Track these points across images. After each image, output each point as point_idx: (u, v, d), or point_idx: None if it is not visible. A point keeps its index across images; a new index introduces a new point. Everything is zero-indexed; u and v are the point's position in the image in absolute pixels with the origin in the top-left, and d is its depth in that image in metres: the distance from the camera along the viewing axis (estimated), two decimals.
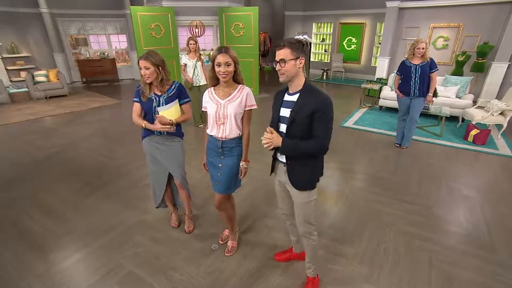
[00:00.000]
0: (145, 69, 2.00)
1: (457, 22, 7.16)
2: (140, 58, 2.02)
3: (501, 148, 4.46)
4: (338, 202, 3.06)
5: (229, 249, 2.29)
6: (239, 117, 1.88)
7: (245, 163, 2.01)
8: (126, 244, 2.42)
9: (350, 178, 3.57)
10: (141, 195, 3.15)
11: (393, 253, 2.32)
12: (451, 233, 2.56)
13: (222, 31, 7.55)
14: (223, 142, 1.93)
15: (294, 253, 2.22)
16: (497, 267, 2.18)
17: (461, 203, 3.02)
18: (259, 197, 3.11)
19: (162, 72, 2.05)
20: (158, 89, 2.11)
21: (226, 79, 1.78)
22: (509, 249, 2.37)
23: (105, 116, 6.13)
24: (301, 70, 1.56)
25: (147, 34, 6.72)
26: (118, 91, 8.71)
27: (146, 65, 1.99)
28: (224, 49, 1.74)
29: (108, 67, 9.78)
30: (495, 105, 4.73)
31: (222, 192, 2.07)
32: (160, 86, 2.09)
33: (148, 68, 2.00)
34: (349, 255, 2.30)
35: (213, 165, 2.04)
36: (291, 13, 11.15)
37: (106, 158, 4.08)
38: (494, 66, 6.53)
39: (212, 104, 1.87)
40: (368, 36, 9.96)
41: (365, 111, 6.43)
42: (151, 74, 2.02)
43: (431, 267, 2.18)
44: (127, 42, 10.16)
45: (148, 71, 2.00)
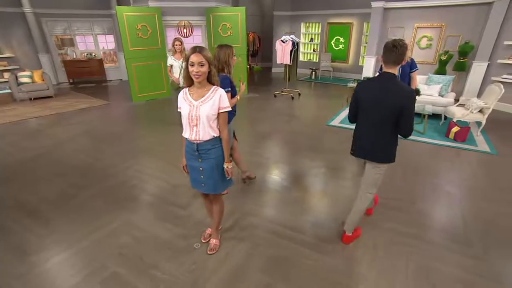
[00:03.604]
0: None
1: (440, 22, 7.34)
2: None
3: (480, 144, 4.60)
4: (321, 200, 3.13)
5: (211, 247, 2.32)
6: (212, 119, 1.87)
7: (227, 164, 2.03)
8: (110, 244, 2.43)
9: (334, 176, 3.64)
10: (128, 196, 3.15)
11: (372, 248, 2.39)
12: (431, 228, 2.64)
13: (209, 31, 7.57)
14: (198, 144, 1.92)
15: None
16: (474, 261, 2.26)
17: (442, 199, 3.12)
18: (242, 195, 3.15)
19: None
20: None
21: (199, 79, 1.79)
22: (486, 243, 2.46)
23: (92, 117, 6.07)
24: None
25: (133, 34, 6.68)
26: (106, 92, 8.62)
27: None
28: (198, 49, 1.74)
29: (96, 68, 9.68)
30: (474, 103, 4.88)
31: (210, 193, 2.10)
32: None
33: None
34: (329, 251, 2.35)
35: (194, 169, 2.04)
36: (280, 13, 11.21)
37: (93, 159, 4.05)
38: (475, 65, 6.72)
39: (185, 105, 1.87)
40: (356, 35, 10.10)
41: None
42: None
43: (409, 262, 2.25)
44: (114, 43, 10.05)
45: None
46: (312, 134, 5.04)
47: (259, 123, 5.62)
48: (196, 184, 2.08)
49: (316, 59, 11.35)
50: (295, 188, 3.34)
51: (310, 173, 3.69)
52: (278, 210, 2.92)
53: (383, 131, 2.06)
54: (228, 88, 2.56)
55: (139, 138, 4.96)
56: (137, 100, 7.21)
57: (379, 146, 2.11)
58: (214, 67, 1.84)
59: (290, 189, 3.33)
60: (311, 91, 8.90)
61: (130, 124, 5.79)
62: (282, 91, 7.86)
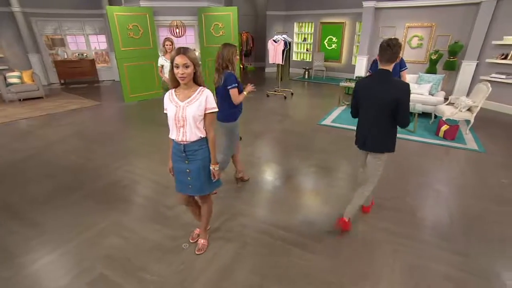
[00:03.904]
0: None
1: (430, 22, 7.43)
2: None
3: (469, 142, 4.67)
4: (312, 199, 3.15)
5: (199, 248, 2.32)
6: (198, 120, 1.87)
7: (214, 165, 2.03)
8: (98, 245, 2.42)
9: (325, 175, 3.67)
10: (117, 196, 3.14)
11: (361, 246, 2.42)
12: (421, 227, 2.67)
13: (201, 31, 7.55)
14: (185, 146, 1.92)
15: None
16: (462, 258, 2.29)
17: (431, 197, 3.15)
18: (233, 194, 3.16)
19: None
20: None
21: (185, 81, 1.79)
22: (473, 240, 2.50)
23: (83, 118, 6.02)
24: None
25: (124, 34, 6.64)
26: (98, 92, 8.55)
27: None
28: (183, 50, 1.73)
29: (87, 68, 9.59)
30: (463, 101, 4.95)
31: (197, 194, 2.10)
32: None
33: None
34: (319, 250, 2.37)
35: (180, 171, 2.02)
36: (273, 13, 11.23)
37: (83, 160, 4.02)
38: (464, 64, 6.82)
39: (171, 106, 1.86)
40: (348, 35, 10.17)
41: (344, 109, 6.58)
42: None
43: (398, 260, 2.27)
44: (106, 43, 9.97)
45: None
46: (303, 134, 5.06)
47: (251, 122, 5.63)
48: (182, 186, 2.07)
49: (309, 59, 11.40)
50: (286, 188, 3.36)
51: (301, 173, 3.71)
52: (269, 209, 2.94)
53: (382, 123, 2.25)
54: (235, 84, 2.65)
55: (130, 139, 4.93)
56: (129, 101, 7.17)
57: (379, 137, 2.30)
58: (199, 67, 1.84)
59: (281, 189, 3.34)
60: (304, 90, 8.94)
61: (121, 125, 5.76)
62: (275, 91, 7.88)
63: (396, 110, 2.12)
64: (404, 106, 2.11)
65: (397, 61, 3.97)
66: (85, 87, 9.14)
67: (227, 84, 2.65)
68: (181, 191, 2.09)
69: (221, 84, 2.69)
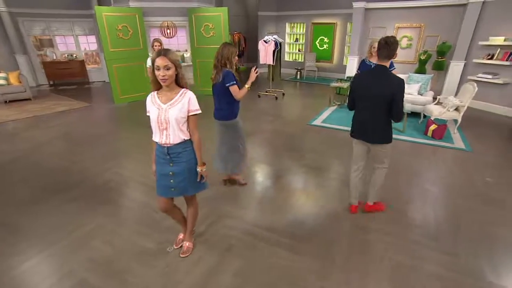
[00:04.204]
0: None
1: (419, 23, 7.52)
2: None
3: (456, 141, 4.73)
4: (300, 199, 3.15)
5: (184, 251, 2.30)
6: (181, 122, 1.86)
7: (201, 167, 2.02)
8: (81, 249, 2.38)
9: (314, 175, 3.67)
10: (103, 199, 3.10)
11: (349, 246, 2.42)
12: (408, 226, 2.69)
13: (192, 32, 7.51)
14: (168, 148, 1.90)
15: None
16: (450, 257, 2.31)
17: (419, 197, 3.18)
18: (220, 196, 3.14)
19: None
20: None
21: (166, 83, 1.77)
22: (459, 239, 2.53)
23: (71, 119, 5.93)
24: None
25: (114, 35, 6.57)
26: (88, 94, 8.44)
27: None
28: (163, 52, 1.72)
29: (77, 69, 9.47)
30: (450, 101, 5.02)
31: (180, 195, 2.08)
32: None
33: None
34: (305, 251, 2.37)
35: (163, 174, 1.99)
36: (265, 13, 11.25)
37: (70, 162, 3.96)
38: (452, 65, 6.92)
39: (154, 108, 1.84)
40: (339, 35, 10.23)
41: (335, 109, 6.61)
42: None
43: (385, 260, 2.28)
44: (96, 44, 9.86)
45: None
46: (294, 134, 5.07)
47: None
48: (165, 190, 2.03)
49: (301, 59, 11.44)
50: (275, 188, 3.36)
51: (290, 173, 3.71)
52: (256, 210, 2.93)
53: (379, 116, 2.38)
54: (233, 81, 2.69)
55: (119, 140, 4.88)
56: (119, 102, 7.10)
57: (378, 130, 2.45)
58: (181, 69, 1.82)
59: (269, 189, 3.34)
60: (296, 91, 8.96)
61: (110, 127, 5.69)
62: (266, 91, 7.88)
63: (391, 103, 2.26)
64: (398, 100, 2.25)
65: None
66: (74, 88, 9.03)
67: (225, 82, 2.69)
68: (163, 194, 2.06)
69: (219, 81, 2.72)
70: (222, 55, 2.69)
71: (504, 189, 3.31)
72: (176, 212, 2.26)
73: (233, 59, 2.74)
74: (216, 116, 2.98)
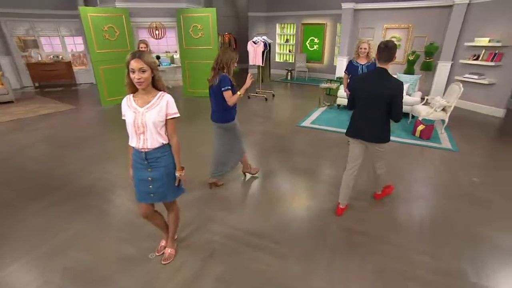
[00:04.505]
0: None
1: (407, 24, 7.60)
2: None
3: (444, 142, 4.78)
4: (285, 202, 3.12)
5: (166, 257, 2.25)
6: (159, 126, 1.81)
7: (180, 172, 1.99)
8: (61, 255, 2.31)
9: (301, 177, 3.65)
10: (86, 203, 3.02)
11: (332, 250, 2.40)
12: (393, 228, 2.68)
13: (180, 33, 7.44)
14: (146, 153, 1.86)
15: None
16: (432, 259, 2.30)
17: (405, 198, 3.17)
18: (205, 200, 3.10)
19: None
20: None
21: (142, 86, 1.72)
22: (443, 240, 2.53)
23: (56, 122, 5.80)
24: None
25: (100, 36, 6.45)
26: (75, 96, 8.29)
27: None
28: (138, 54, 1.66)
29: (63, 71, 9.29)
30: (437, 101, 5.07)
31: (160, 201, 2.05)
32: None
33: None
34: (288, 255, 2.34)
35: (141, 180, 1.94)
36: (255, 14, 11.24)
37: (54, 166, 3.87)
38: (440, 65, 7.01)
39: (130, 112, 1.79)
40: (330, 36, 10.28)
41: (324, 110, 6.62)
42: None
43: (367, 263, 2.27)
44: (83, 45, 9.69)
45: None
46: (283, 136, 5.05)
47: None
48: (144, 196, 1.98)
49: (292, 60, 11.46)
50: (261, 191, 3.33)
51: (277, 175, 3.69)
52: (241, 214, 2.89)
53: (378, 117, 2.47)
54: (229, 86, 2.75)
55: (104, 144, 4.78)
56: (106, 104, 6.97)
57: (376, 130, 2.53)
58: (157, 71, 1.78)
59: (255, 192, 3.31)
60: (286, 92, 8.96)
61: (96, 130, 5.58)
62: (256, 93, 7.86)
63: (391, 105, 2.35)
64: (398, 101, 2.35)
65: (372, 62, 4.08)
66: (60, 90, 8.84)
67: (221, 86, 2.75)
68: (142, 200, 2.01)
69: (216, 84, 2.79)
70: (221, 59, 2.77)
71: (490, 189, 3.35)
72: (157, 218, 2.21)
73: (232, 65, 2.82)
74: (212, 118, 3.03)
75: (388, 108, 2.39)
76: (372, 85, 2.42)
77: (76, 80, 9.77)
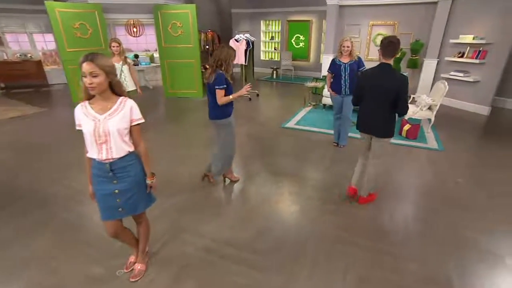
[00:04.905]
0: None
1: (392, 20, 7.70)
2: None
3: (430, 141, 4.84)
4: (265, 209, 3.06)
5: (135, 274, 2.14)
6: (124, 133, 1.72)
7: (151, 179, 1.91)
8: (15, 278, 2.16)
9: (283, 182, 3.60)
10: (49, 216, 2.86)
11: (313, 259, 2.36)
12: (375, 233, 2.66)
13: (158, 31, 7.27)
14: (111, 164, 1.75)
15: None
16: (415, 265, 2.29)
17: (390, 201, 3.16)
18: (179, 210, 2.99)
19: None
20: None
21: (94, 91, 1.61)
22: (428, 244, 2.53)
23: (22, 126, 5.55)
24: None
25: (70, 33, 6.23)
26: (46, 97, 7.99)
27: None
28: (90, 57, 1.54)
29: (33, 70, 8.94)
30: (423, 100, 5.14)
31: (130, 214, 1.95)
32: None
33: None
34: (267, 266, 2.28)
35: (106, 195, 1.82)
36: (238, 10, 11.16)
37: (14, 173, 3.68)
38: (426, 63, 7.14)
39: (88, 120, 1.67)
40: (315, 33, 10.33)
41: (310, 109, 6.61)
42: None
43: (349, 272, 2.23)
44: (55, 42, 9.35)
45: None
46: (266, 138, 5.00)
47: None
48: (111, 212, 1.86)
49: (277, 58, 11.44)
50: (240, 198, 3.26)
51: (258, 181, 3.62)
52: (218, 223, 2.80)
53: (383, 111, 2.63)
54: (223, 85, 2.80)
55: (72, 150, 4.55)
56: None
57: (381, 123, 2.68)
58: (114, 76, 1.66)
59: (234, 199, 3.23)
60: (272, 91, 8.93)
61: (65, 134, 5.33)
62: None
63: (396, 99, 2.51)
64: (403, 95, 2.51)
65: (355, 60, 4.08)
66: (30, 91, 8.51)
67: (215, 84, 2.80)
68: (110, 217, 1.88)
69: (212, 81, 2.83)
70: (220, 56, 2.80)
71: (475, 190, 3.39)
72: (126, 234, 2.10)
73: (231, 62, 2.86)
74: (210, 116, 3.10)
75: (394, 102, 2.55)
76: (379, 81, 2.58)
77: (48, 81, 9.42)
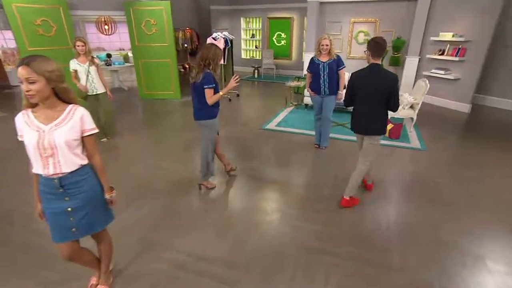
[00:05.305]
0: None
1: (374, 18, 7.81)
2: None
3: (413, 141, 4.90)
4: (243, 218, 2.97)
5: None
6: (73, 145, 1.58)
7: (109, 193, 1.79)
8: None
9: (261, 189, 3.53)
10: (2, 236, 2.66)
11: (292, 272, 2.29)
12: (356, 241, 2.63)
13: (131, 29, 7.04)
14: (61, 179, 1.60)
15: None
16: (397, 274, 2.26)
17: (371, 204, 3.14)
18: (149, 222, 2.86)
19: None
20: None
21: (34, 99, 1.46)
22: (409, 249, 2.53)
23: None
24: None
25: (31, 31, 5.92)
26: (7, 100, 7.60)
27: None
28: (26, 60, 1.39)
29: None
30: (405, 99, 5.20)
31: (86, 235, 1.80)
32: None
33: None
34: (243, 281, 2.20)
35: (57, 214, 1.67)
36: (217, 7, 11.03)
37: None
38: (408, 60, 7.28)
39: (30, 131, 1.53)
40: (297, 31, 10.35)
41: (291, 110, 6.59)
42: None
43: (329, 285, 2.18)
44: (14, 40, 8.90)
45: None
46: (245, 140, 4.92)
47: (188, 129, 5.34)
48: (63, 233, 1.71)
49: (259, 56, 11.40)
50: (216, 207, 3.16)
51: (235, 187, 3.54)
52: (192, 236, 2.69)
53: (375, 109, 2.77)
54: (212, 84, 2.85)
55: None
56: None
57: (372, 121, 2.81)
58: (58, 82, 1.50)
59: (210, 208, 3.13)
60: (253, 90, 8.87)
61: None
62: None
63: (388, 97, 2.67)
64: (395, 92, 2.68)
65: (334, 59, 4.07)
66: None
67: (204, 83, 2.82)
68: (63, 239, 1.73)
69: (199, 81, 2.84)
70: (208, 55, 2.83)
71: (456, 189, 3.45)
72: (85, 255, 1.94)
73: (218, 61, 2.91)
74: (194, 116, 3.10)
75: (387, 100, 2.70)
76: (371, 80, 2.72)
77: (9, 82, 8.97)
